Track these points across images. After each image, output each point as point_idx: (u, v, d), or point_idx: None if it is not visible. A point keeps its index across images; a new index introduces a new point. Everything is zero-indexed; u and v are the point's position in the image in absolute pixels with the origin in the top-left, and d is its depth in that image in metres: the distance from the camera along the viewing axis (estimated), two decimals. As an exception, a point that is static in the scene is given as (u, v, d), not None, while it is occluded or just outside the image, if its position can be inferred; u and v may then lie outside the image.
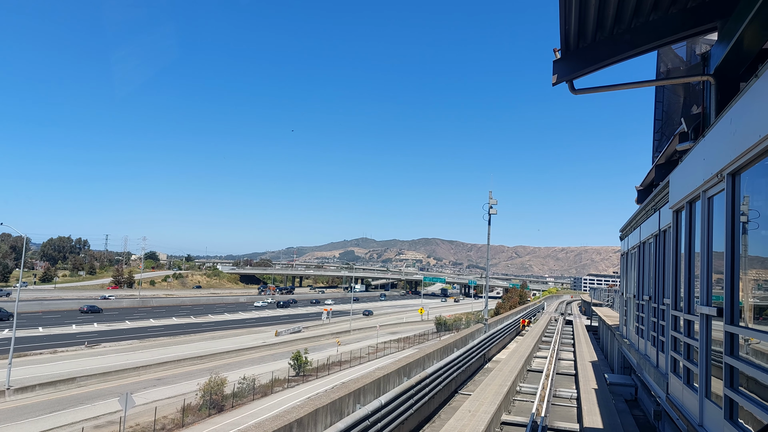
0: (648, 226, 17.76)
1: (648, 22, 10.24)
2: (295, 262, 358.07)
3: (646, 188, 23.39)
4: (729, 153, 6.90)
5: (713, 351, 7.90)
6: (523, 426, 23.82)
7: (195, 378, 48.52)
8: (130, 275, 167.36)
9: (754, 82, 5.99)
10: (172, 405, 39.94)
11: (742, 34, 8.12)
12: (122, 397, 31.40)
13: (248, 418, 37.05)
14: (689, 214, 9.68)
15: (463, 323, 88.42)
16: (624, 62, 10.82)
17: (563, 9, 9.06)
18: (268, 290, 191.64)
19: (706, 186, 8.19)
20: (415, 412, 22.67)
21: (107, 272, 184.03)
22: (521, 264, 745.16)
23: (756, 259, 6.34)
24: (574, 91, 10.82)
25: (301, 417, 13.93)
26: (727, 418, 6.86)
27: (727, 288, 7.01)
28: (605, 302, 78.99)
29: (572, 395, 29.81)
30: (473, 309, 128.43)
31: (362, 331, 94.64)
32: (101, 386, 47.19)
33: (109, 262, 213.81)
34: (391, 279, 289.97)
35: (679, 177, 10.60)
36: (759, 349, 6.10)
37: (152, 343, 72.75)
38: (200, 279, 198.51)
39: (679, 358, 10.28)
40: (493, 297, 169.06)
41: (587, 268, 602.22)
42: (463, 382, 33.90)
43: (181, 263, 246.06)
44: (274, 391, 46.61)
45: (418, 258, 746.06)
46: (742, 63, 9.12)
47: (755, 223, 6.44)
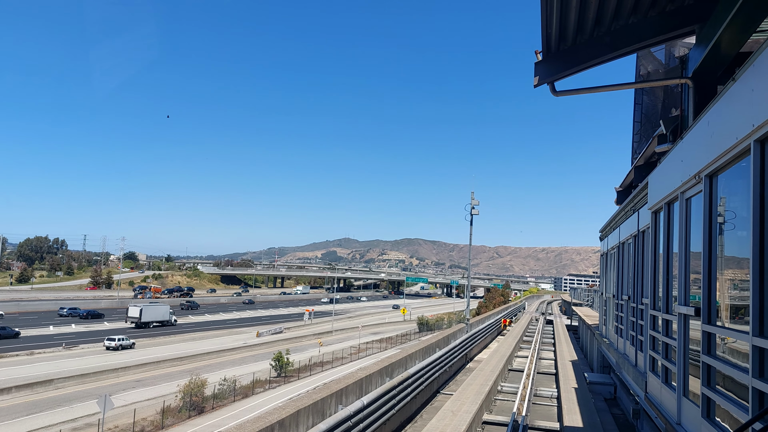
0: (627, 227, 17.96)
1: (627, 25, 10.36)
2: (276, 262, 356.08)
3: (625, 189, 23.67)
4: (706, 155, 7.00)
5: (691, 350, 8.00)
6: (504, 425, 23.95)
7: (175, 379, 48.02)
8: (109, 276, 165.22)
9: (732, 85, 6.08)
10: (152, 407, 39.50)
11: (720, 38, 8.25)
12: (101, 399, 30.99)
13: (229, 419, 36.78)
14: (667, 215, 9.80)
15: (445, 323, 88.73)
16: (604, 65, 10.95)
17: (544, 11, 9.13)
18: (148, 292, 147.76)
19: (684, 187, 8.30)
20: (398, 413, 22.68)
21: (85, 273, 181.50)
22: (502, 264, 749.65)
23: (732, 260, 6.44)
24: (556, 92, 10.91)
25: (283, 418, 13.86)
26: (705, 416, 6.96)
27: (705, 288, 7.11)
28: (585, 302, 79.76)
29: (552, 394, 30.04)
30: (455, 309, 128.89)
31: (344, 331, 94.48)
32: (79, 388, 46.52)
33: (88, 263, 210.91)
34: (374, 279, 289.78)
35: (657, 178, 10.73)
36: (735, 348, 6.19)
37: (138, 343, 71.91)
38: (180, 279, 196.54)
39: (658, 357, 10.41)
40: (474, 297, 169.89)
41: (567, 268, 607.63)
42: (445, 382, 33.99)
43: (161, 264, 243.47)
44: (255, 392, 46.32)
45: (400, 258, 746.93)
46: (719, 66, 9.27)
47: (732, 224, 6.55)
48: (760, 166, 5.32)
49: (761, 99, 5.18)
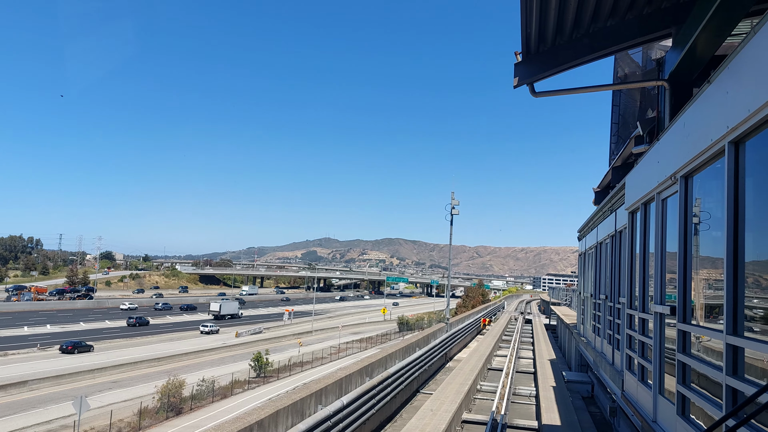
0: (605, 227, 18.15)
1: (606, 27, 10.47)
2: (256, 262, 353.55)
3: (603, 190, 23.91)
4: (682, 156, 7.09)
5: (666, 349, 8.10)
6: (483, 424, 24.08)
7: (152, 380, 47.45)
8: (85, 276, 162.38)
9: (707, 88, 6.17)
10: (129, 408, 38.98)
11: (695, 41, 8.37)
12: (76, 401, 30.48)
13: (207, 420, 36.44)
14: (644, 215, 9.92)
15: (425, 323, 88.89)
16: (583, 66, 11.05)
17: (524, 13, 9.18)
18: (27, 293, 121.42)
19: (660, 188, 8.40)
20: (377, 412, 22.68)
21: (61, 272, 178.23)
22: (482, 264, 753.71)
23: (707, 260, 6.54)
24: (535, 93, 10.98)
25: (262, 419, 13.78)
26: (680, 413, 7.05)
27: (680, 287, 7.20)
28: (563, 301, 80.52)
29: (531, 393, 30.28)
30: (435, 308, 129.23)
31: (324, 331, 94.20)
32: (55, 389, 45.73)
33: (63, 262, 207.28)
34: (354, 279, 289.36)
35: (634, 179, 10.86)
36: (709, 347, 6.28)
37: (108, 345, 70.82)
38: (158, 279, 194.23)
39: (634, 355, 10.53)
40: (455, 296, 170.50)
41: (546, 268, 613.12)
42: (425, 381, 34.08)
43: (139, 263, 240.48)
44: (234, 392, 45.96)
45: (381, 258, 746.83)
46: (695, 69, 9.40)
47: (706, 224, 6.64)
48: (735, 167, 5.41)
49: (735, 101, 5.27)
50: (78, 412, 30.31)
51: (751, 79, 4.93)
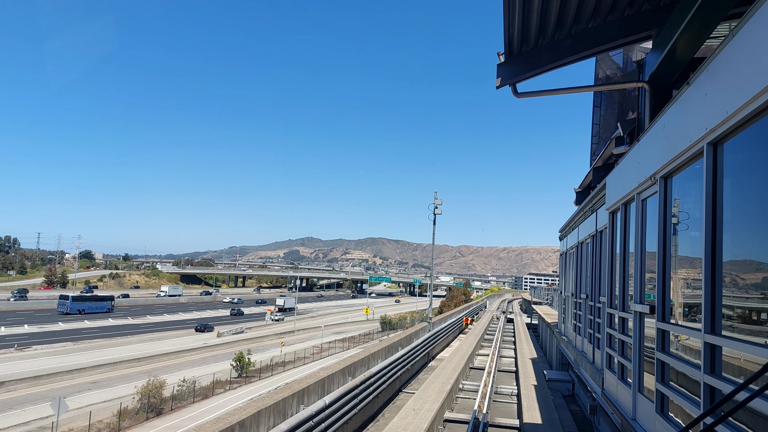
0: (585, 227, 18.30)
1: (587, 29, 10.56)
2: (238, 261, 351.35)
3: (584, 190, 24.10)
4: (662, 157, 7.17)
5: (646, 347, 8.18)
6: (465, 423, 24.16)
7: (132, 381, 46.91)
8: (64, 275, 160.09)
9: (686, 90, 6.25)
10: (108, 409, 38.51)
11: (675, 43, 8.46)
12: (55, 402, 30.05)
13: (188, 421, 36.14)
14: (624, 215, 10.02)
15: (408, 322, 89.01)
16: (564, 67, 11.13)
17: (507, 14, 9.23)
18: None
19: (640, 188, 8.49)
20: (360, 412, 22.65)
21: (39, 272, 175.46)
22: (465, 263, 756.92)
23: (685, 259, 6.62)
24: (517, 94, 11.04)
25: (244, 419, 13.68)
26: (659, 411, 7.12)
27: (659, 286, 7.28)
28: (545, 301, 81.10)
29: (513, 392, 30.47)
30: (418, 308, 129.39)
31: (307, 331, 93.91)
32: (32, 390, 45.00)
33: (42, 261, 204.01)
34: (337, 279, 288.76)
35: (614, 180, 10.97)
36: (688, 345, 6.36)
37: (87, 345, 69.89)
38: (138, 279, 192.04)
39: (614, 354, 10.62)
40: (437, 296, 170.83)
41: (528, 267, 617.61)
42: (408, 381, 34.12)
43: (118, 263, 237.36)
44: (215, 393, 45.63)
45: (364, 257, 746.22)
46: (675, 70, 9.50)
47: (685, 224, 6.72)
48: (713, 168, 5.48)
49: (714, 103, 5.33)
50: (56, 413, 29.90)
51: (730, 82, 5.00)
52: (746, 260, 5.01)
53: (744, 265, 5.01)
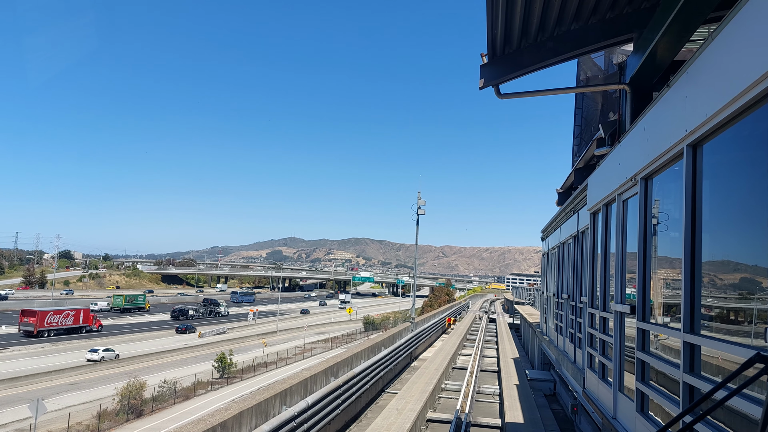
0: (567, 228, 18.44)
1: (570, 31, 10.64)
2: (220, 261, 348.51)
3: (566, 191, 24.29)
4: (642, 158, 7.25)
5: (626, 347, 8.26)
6: (447, 423, 24.24)
7: (112, 382, 46.37)
8: (42, 275, 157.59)
9: (666, 92, 6.32)
10: (88, 410, 38.00)
11: (656, 46, 8.56)
12: (32, 404, 29.57)
13: (169, 422, 35.77)
14: (605, 216, 10.11)
15: (391, 322, 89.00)
16: (547, 69, 11.20)
17: (490, 16, 9.27)
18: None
19: (621, 189, 8.57)
20: (342, 412, 22.61)
21: (17, 272, 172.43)
22: (448, 263, 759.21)
23: (665, 260, 6.69)
24: (500, 95, 11.09)
25: (225, 420, 13.58)
26: (639, 410, 7.19)
27: (640, 286, 7.35)
28: (527, 301, 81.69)
29: (495, 391, 30.63)
30: (401, 308, 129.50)
31: (289, 331, 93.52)
32: (9, 392, 44.24)
33: (20, 261, 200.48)
34: (320, 279, 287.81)
35: (596, 181, 11.07)
36: (667, 345, 6.43)
37: (66, 346, 69.02)
38: (119, 279, 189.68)
39: (595, 353, 10.72)
40: (420, 296, 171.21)
41: (510, 268, 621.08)
42: (390, 381, 34.13)
43: (99, 262, 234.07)
44: (196, 394, 45.25)
45: (347, 258, 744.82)
46: (655, 73, 9.61)
47: (665, 225, 6.80)
48: (693, 169, 5.54)
49: (694, 105, 5.40)
50: (34, 416, 29.44)
51: (709, 84, 5.07)
52: (725, 261, 5.08)
53: (722, 266, 5.08)
